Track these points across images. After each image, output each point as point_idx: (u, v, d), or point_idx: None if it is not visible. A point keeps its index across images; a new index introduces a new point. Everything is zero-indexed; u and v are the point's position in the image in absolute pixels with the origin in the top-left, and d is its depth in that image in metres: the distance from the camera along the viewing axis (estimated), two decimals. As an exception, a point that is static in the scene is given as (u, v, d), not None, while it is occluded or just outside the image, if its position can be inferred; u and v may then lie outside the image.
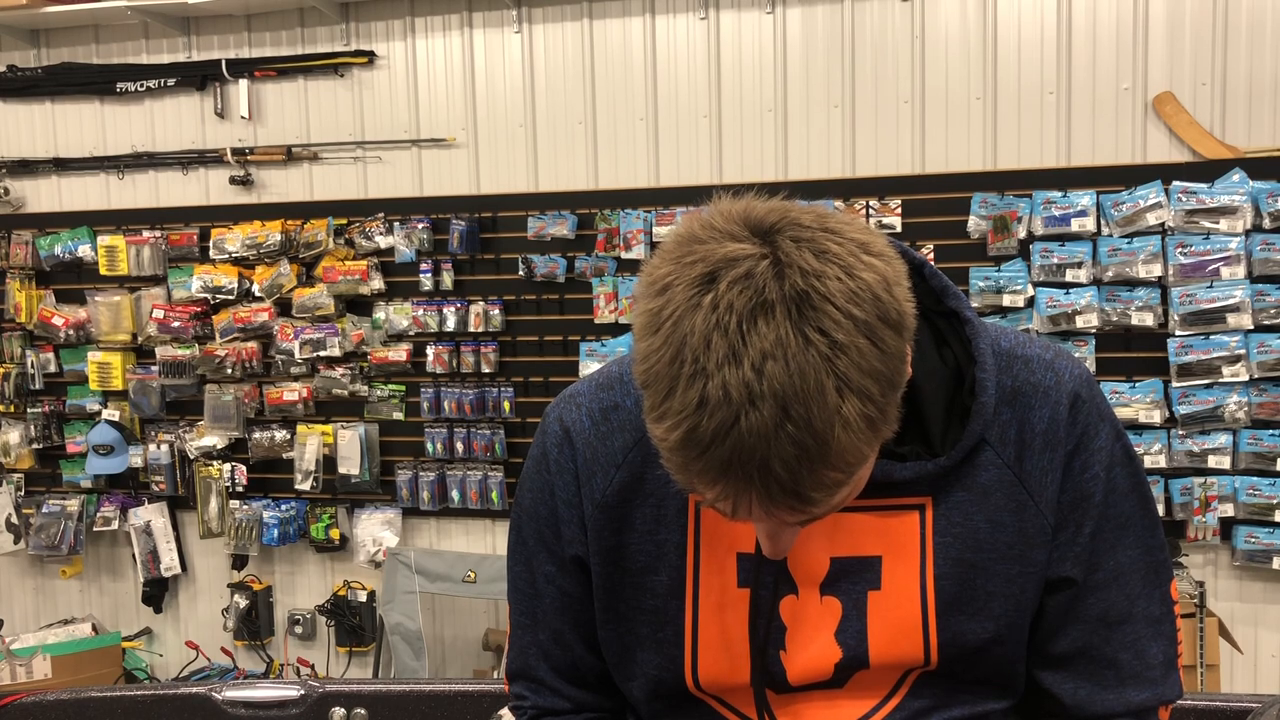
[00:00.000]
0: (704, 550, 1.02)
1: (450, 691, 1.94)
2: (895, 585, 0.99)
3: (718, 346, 0.76)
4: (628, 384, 1.05)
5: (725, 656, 1.02)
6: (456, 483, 4.02)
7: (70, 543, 4.37)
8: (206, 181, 4.26)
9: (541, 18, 3.94)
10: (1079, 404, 1.00)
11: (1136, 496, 1.05)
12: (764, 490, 0.78)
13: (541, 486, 1.09)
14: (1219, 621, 3.28)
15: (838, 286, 0.78)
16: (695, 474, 0.80)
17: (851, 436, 0.78)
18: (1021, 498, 0.99)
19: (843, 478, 0.80)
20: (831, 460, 0.78)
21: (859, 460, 0.80)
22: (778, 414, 0.75)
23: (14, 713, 1.96)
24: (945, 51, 3.63)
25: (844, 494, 0.84)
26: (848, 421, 0.77)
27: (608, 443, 1.05)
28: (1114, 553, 1.03)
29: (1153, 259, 3.41)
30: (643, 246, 3.78)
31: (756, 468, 0.77)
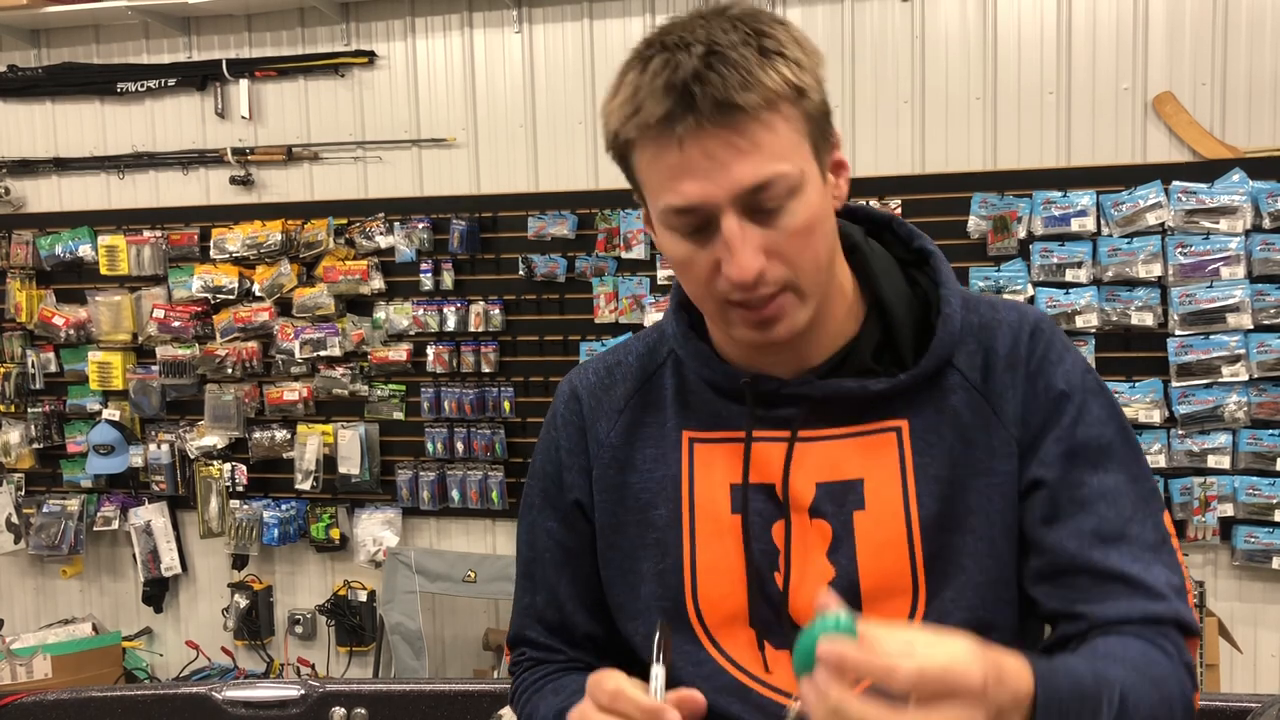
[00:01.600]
0: (698, 482, 1.09)
1: (450, 691, 1.95)
2: (879, 504, 1.04)
3: (657, 37, 0.97)
4: (630, 345, 1.19)
5: (723, 581, 1.07)
6: (457, 482, 4.02)
7: (70, 542, 4.37)
8: (207, 181, 4.26)
9: (541, 18, 3.94)
10: (1040, 332, 1.07)
11: (1114, 426, 1.06)
12: (703, 107, 0.91)
13: (548, 444, 1.19)
14: (1219, 621, 3.28)
15: (766, 14, 0.99)
16: (646, 112, 0.94)
17: (772, 66, 0.93)
18: (987, 414, 1.05)
19: (770, 98, 0.92)
20: (756, 76, 0.92)
21: (780, 91, 0.93)
22: (705, 49, 0.93)
23: (14, 713, 1.96)
24: (945, 51, 3.63)
25: (783, 167, 0.94)
26: (767, 53, 0.94)
27: (611, 393, 1.16)
28: (1097, 474, 1.03)
29: (1152, 259, 3.41)
30: (643, 246, 3.78)
31: (693, 82, 0.91)
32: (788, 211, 0.96)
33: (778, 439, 1.06)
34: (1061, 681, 0.85)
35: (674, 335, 1.13)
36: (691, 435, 1.10)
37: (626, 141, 0.98)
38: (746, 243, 0.95)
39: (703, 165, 0.94)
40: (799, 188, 0.96)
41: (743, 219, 0.95)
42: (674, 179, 0.95)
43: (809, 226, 0.97)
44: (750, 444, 1.07)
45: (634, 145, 0.98)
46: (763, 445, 1.07)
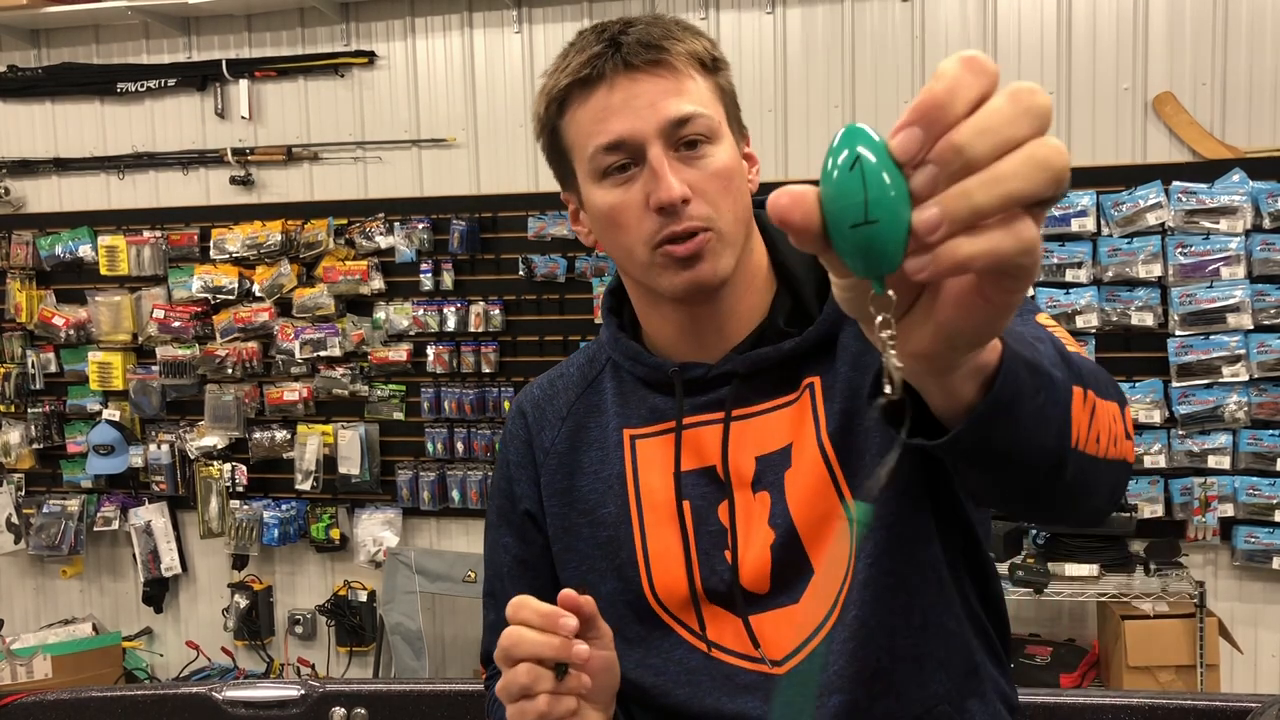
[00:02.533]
0: (642, 476, 1.13)
1: (450, 691, 1.94)
2: (802, 457, 1.07)
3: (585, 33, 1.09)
4: (573, 357, 1.25)
5: (673, 564, 1.10)
6: (457, 483, 4.02)
7: (71, 543, 4.37)
8: (207, 181, 4.26)
9: (541, 18, 3.94)
10: None
11: None
12: (627, 48, 1.03)
13: (501, 462, 1.24)
14: (1219, 621, 3.28)
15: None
16: (575, 65, 1.05)
17: (694, 36, 1.07)
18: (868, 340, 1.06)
19: (693, 50, 1.04)
20: (678, 35, 1.05)
21: (700, 54, 1.05)
22: (630, 21, 1.07)
23: (14, 713, 1.96)
24: (945, 51, 3.63)
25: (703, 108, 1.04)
26: (688, 29, 1.07)
27: (554, 402, 1.21)
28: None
29: (1153, 259, 3.41)
30: (643, 246, 3.78)
31: (620, 33, 1.04)
32: (707, 153, 1.04)
33: (713, 422, 1.10)
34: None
35: (608, 340, 1.18)
36: (632, 433, 1.14)
37: (559, 102, 1.07)
38: (670, 167, 1.02)
39: (629, 102, 1.03)
40: (718, 134, 1.05)
41: (667, 149, 1.03)
42: (603, 120, 1.04)
43: (727, 172, 1.05)
44: (680, 432, 1.11)
45: (565, 105, 1.07)
46: (699, 430, 1.11)
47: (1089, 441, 0.80)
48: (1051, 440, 0.75)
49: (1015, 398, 0.70)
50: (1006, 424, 0.70)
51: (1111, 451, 0.84)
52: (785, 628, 1.06)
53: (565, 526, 1.17)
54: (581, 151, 1.07)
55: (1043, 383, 0.73)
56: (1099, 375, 0.86)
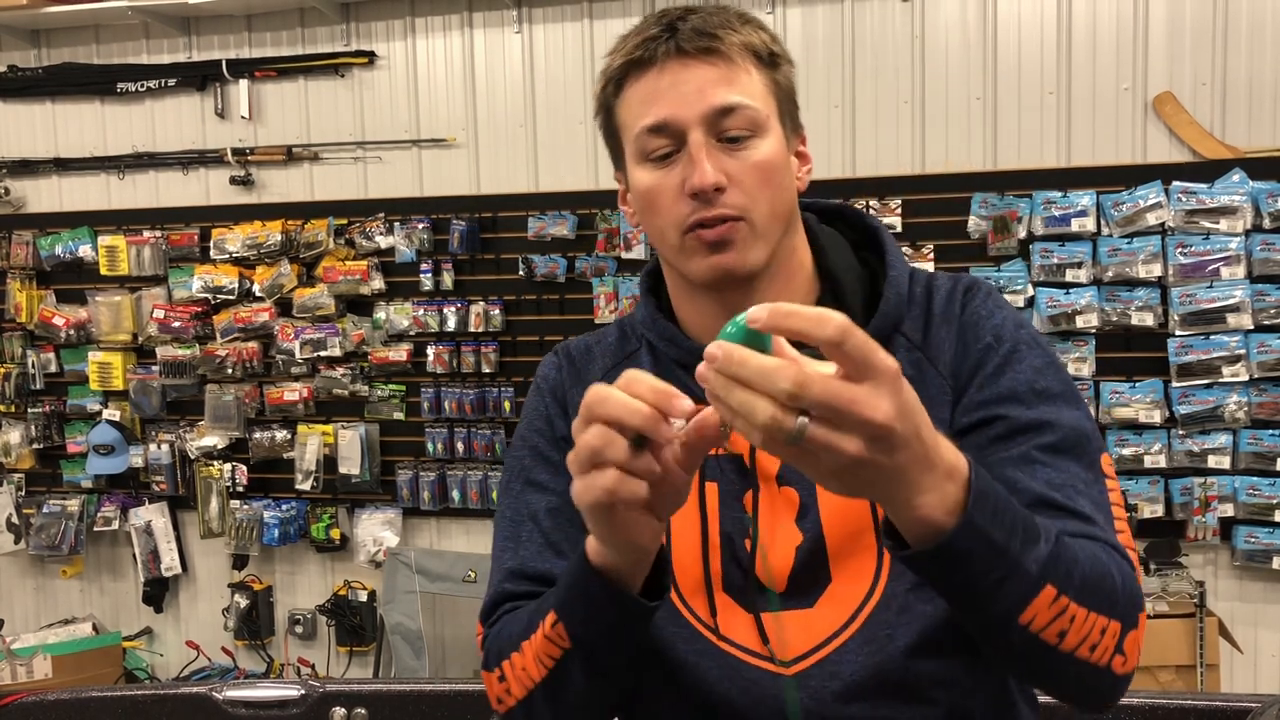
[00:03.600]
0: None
1: (450, 691, 1.95)
2: None
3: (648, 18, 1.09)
4: (602, 332, 1.26)
5: (691, 546, 1.09)
6: (457, 483, 4.02)
7: (71, 542, 4.37)
8: (207, 181, 4.26)
9: (541, 18, 3.94)
10: (973, 291, 1.13)
11: (1051, 375, 1.07)
12: (684, 34, 1.03)
13: (536, 405, 1.22)
14: (1219, 621, 3.28)
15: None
16: (631, 45, 1.06)
17: (753, 29, 1.07)
18: (926, 367, 1.09)
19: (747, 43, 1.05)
20: (735, 26, 1.05)
21: (756, 47, 1.06)
22: (692, 9, 1.06)
23: (14, 713, 1.96)
24: (945, 51, 3.63)
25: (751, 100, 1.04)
26: (748, 21, 1.07)
27: (590, 365, 1.21)
28: (1019, 409, 1.04)
29: (1153, 259, 3.41)
30: (643, 246, 3.78)
31: (678, 20, 1.04)
32: (750, 145, 1.05)
33: None
34: (996, 487, 0.86)
35: (643, 320, 1.19)
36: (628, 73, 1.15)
37: (615, 82, 1.08)
38: (709, 156, 1.03)
39: (677, 88, 1.04)
40: (764, 128, 1.05)
41: (708, 137, 1.04)
42: (651, 102, 1.05)
43: (769, 166, 1.05)
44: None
45: (620, 85, 1.08)
46: None
47: (1046, 630, 0.89)
48: (999, 608, 0.87)
49: (958, 562, 0.83)
50: (951, 574, 0.84)
51: (1083, 653, 0.91)
52: (797, 630, 1.06)
53: None
54: (629, 132, 1.08)
55: (1001, 567, 0.85)
56: (1105, 587, 0.93)
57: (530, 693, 1.04)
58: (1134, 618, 0.95)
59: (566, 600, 0.98)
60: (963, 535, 0.82)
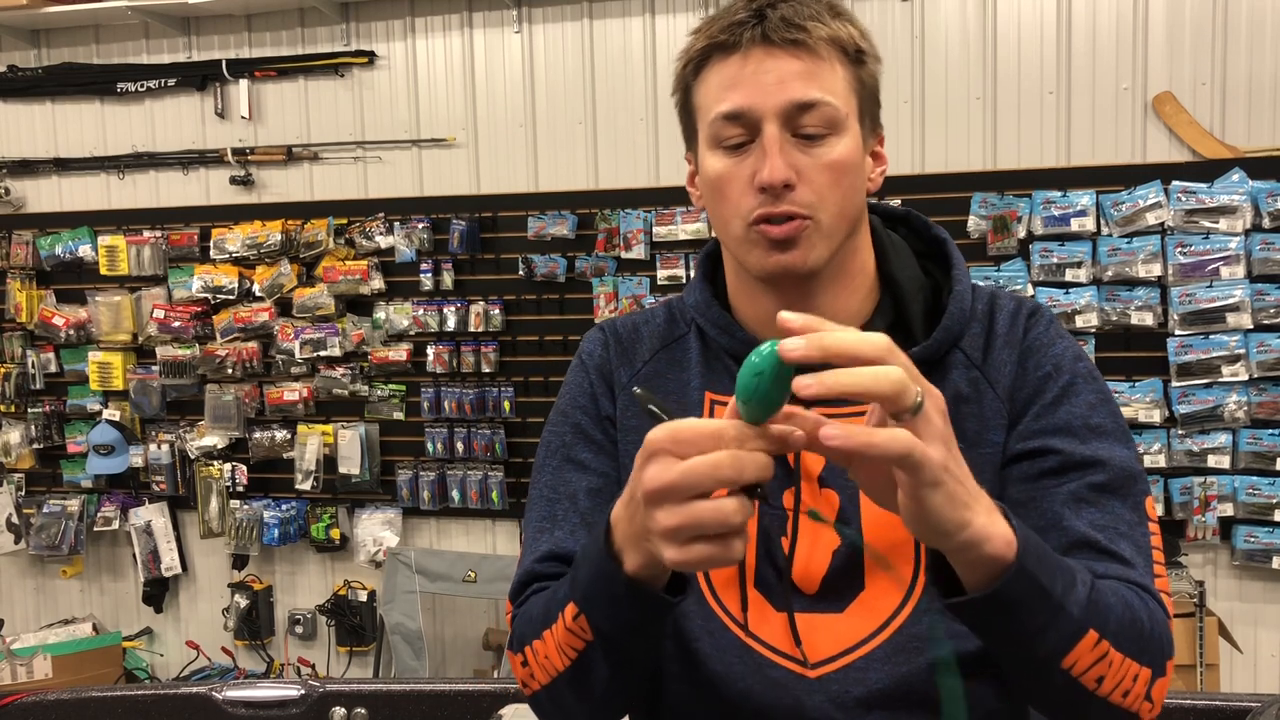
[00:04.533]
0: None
1: (450, 691, 1.95)
2: None
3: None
4: (651, 312, 1.23)
5: None
6: (457, 482, 4.02)
7: (71, 542, 4.37)
8: (207, 181, 4.26)
9: (541, 18, 3.94)
10: (1036, 316, 1.13)
11: (1103, 412, 1.08)
12: (772, 22, 1.01)
13: (578, 380, 1.20)
14: (1218, 621, 3.28)
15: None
16: (717, 29, 1.03)
17: (840, 21, 1.04)
18: (983, 387, 1.09)
19: (835, 36, 1.03)
20: (824, 18, 1.02)
21: (844, 41, 1.04)
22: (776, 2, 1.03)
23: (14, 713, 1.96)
24: (945, 51, 3.63)
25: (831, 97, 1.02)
26: (839, 13, 1.05)
27: (637, 346, 1.19)
28: (1073, 444, 1.05)
29: (1152, 259, 3.41)
30: (643, 246, 3.78)
31: (766, 8, 1.02)
32: (826, 143, 1.03)
33: None
34: (1030, 531, 0.88)
35: (695, 304, 1.17)
36: (713, 397, 1.13)
37: (696, 63, 1.06)
38: (781, 151, 1.02)
39: (758, 77, 1.01)
40: (841, 125, 1.04)
41: (784, 131, 1.02)
42: (730, 88, 1.03)
43: (842, 165, 1.04)
44: None
45: (701, 67, 1.06)
46: None
47: (1086, 675, 0.91)
48: (1044, 652, 0.89)
49: (1011, 608, 0.85)
50: (1004, 620, 0.86)
51: (1116, 698, 0.93)
52: (826, 634, 1.05)
53: (628, 465, 1.09)
54: (705, 115, 1.06)
55: (1048, 611, 0.87)
56: (1137, 633, 0.95)
57: (554, 679, 1.04)
58: (1163, 665, 0.96)
59: (589, 595, 0.96)
60: (1015, 580, 0.84)
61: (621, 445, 1.15)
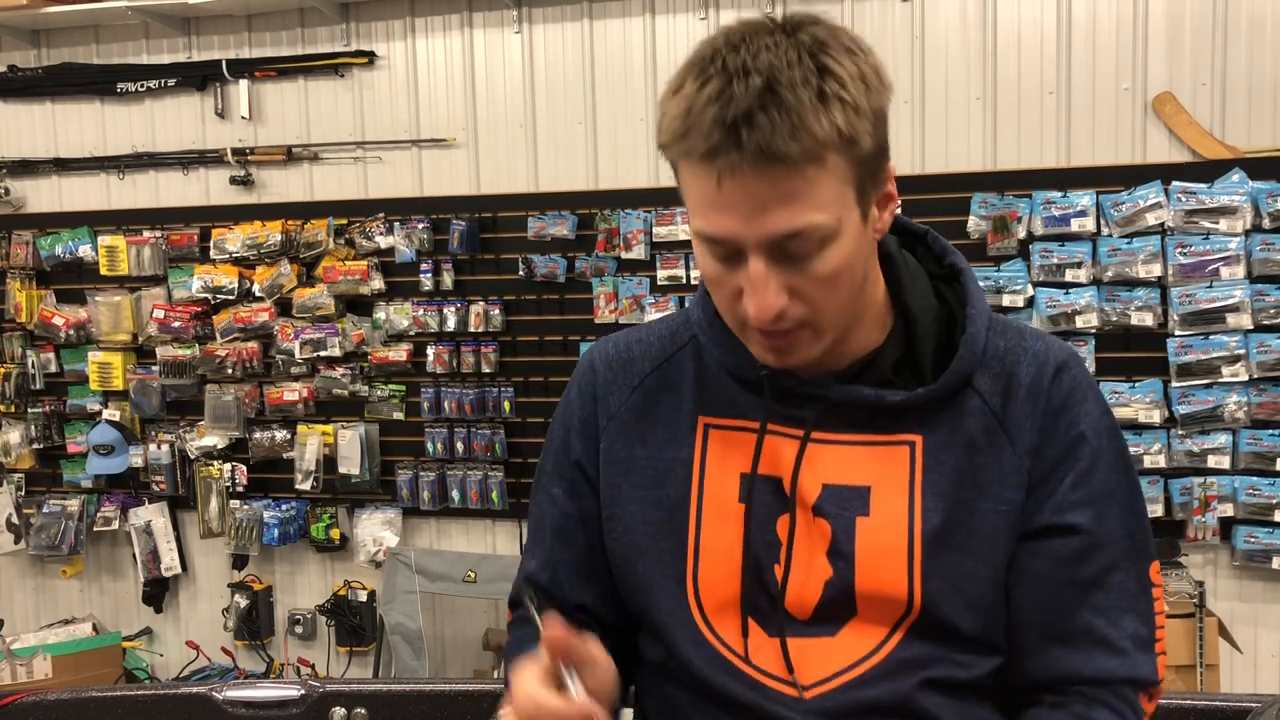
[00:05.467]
0: (710, 467, 1.10)
1: (450, 691, 1.95)
2: (883, 513, 1.05)
3: (721, 49, 0.94)
4: (654, 325, 1.21)
5: (722, 566, 1.08)
6: (457, 483, 4.02)
7: (71, 542, 4.37)
8: (207, 181, 4.26)
9: (541, 18, 3.94)
10: (1065, 370, 1.08)
11: (1121, 471, 1.08)
12: (749, 149, 0.90)
13: (564, 413, 1.21)
14: (1218, 621, 3.28)
15: (830, 26, 0.96)
16: (690, 140, 0.93)
17: (828, 112, 0.91)
18: (1001, 440, 1.06)
19: (818, 150, 0.91)
20: (810, 125, 0.90)
21: (832, 141, 0.91)
22: (764, 81, 0.90)
23: (14, 713, 1.96)
24: (945, 51, 3.63)
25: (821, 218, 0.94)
26: (825, 95, 0.91)
27: (628, 368, 1.17)
28: (1098, 518, 1.06)
29: (1152, 259, 3.41)
30: (643, 246, 3.78)
31: (743, 123, 0.90)
32: (818, 258, 0.96)
33: (791, 435, 1.07)
34: None
35: (698, 320, 1.14)
36: (707, 420, 1.12)
37: (672, 159, 0.99)
38: (769, 284, 0.96)
39: (738, 204, 0.93)
40: (832, 237, 0.96)
41: (770, 260, 0.96)
42: (709, 209, 0.95)
43: (837, 274, 0.98)
44: (764, 435, 1.08)
45: (679, 164, 0.98)
46: (775, 439, 1.08)
47: None
48: None
49: None
50: None
51: None
52: (818, 656, 1.06)
53: (615, 496, 1.14)
54: (689, 212, 1.00)
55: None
56: None
57: None
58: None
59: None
60: None
61: (605, 478, 1.15)
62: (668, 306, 3.77)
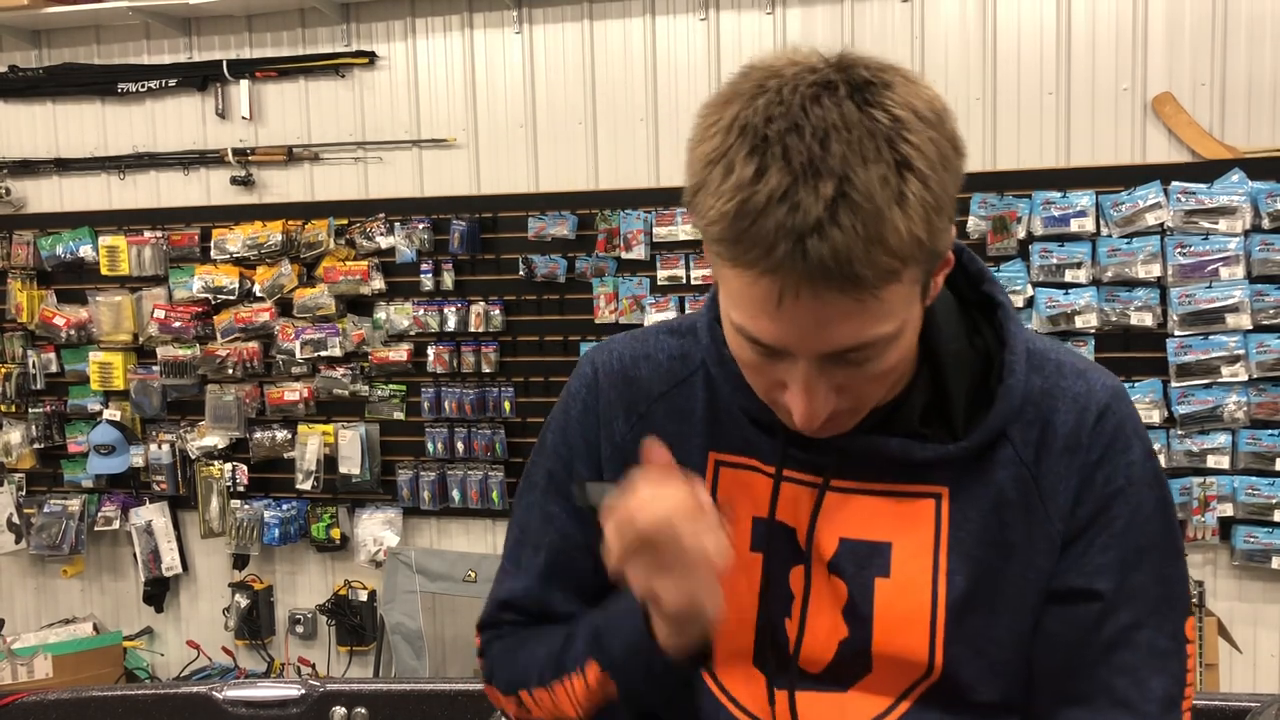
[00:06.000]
0: (719, 508, 1.01)
1: (450, 691, 1.95)
2: (905, 575, 0.98)
3: (779, 121, 0.78)
4: (661, 340, 1.09)
5: (731, 616, 0.99)
6: (457, 482, 4.02)
7: (71, 542, 4.37)
8: (207, 182, 4.26)
9: (541, 18, 3.94)
10: (1108, 415, 0.98)
11: (1161, 521, 1.00)
12: (816, 264, 0.77)
13: (562, 425, 1.11)
14: (1218, 621, 3.28)
15: (900, 82, 0.82)
16: (744, 247, 0.79)
17: (908, 219, 0.78)
18: (1034, 499, 0.97)
19: (896, 265, 0.79)
20: (887, 238, 0.77)
21: (911, 252, 0.79)
22: (836, 184, 0.76)
23: (15, 712, 1.96)
24: (945, 51, 3.63)
25: (887, 328, 0.84)
26: (906, 200, 0.77)
27: (633, 388, 1.07)
28: (1128, 575, 0.98)
29: (1152, 259, 3.41)
30: (643, 246, 3.78)
31: (811, 235, 0.76)
32: (876, 360, 0.87)
33: (808, 483, 1.00)
34: None
35: (708, 351, 1.03)
36: (718, 457, 1.03)
37: (715, 252, 0.84)
38: (818, 389, 0.87)
39: (795, 318, 0.82)
40: (895, 338, 0.87)
41: (822, 366, 0.86)
42: (760, 316, 0.83)
43: (892, 369, 0.90)
44: (780, 481, 1.00)
45: (721, 259, 0.84)
46: (790, 486, 1.00)
47: None
48: None
49: None
50: None
51: None
52: (827, 711, 1.01)
53: None
54: (724, 297, 0.88)
55: None
56: None
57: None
58: None
59: (625, 666, 0.98)
60: None
61: None
62: (668, 307, 3.77)
